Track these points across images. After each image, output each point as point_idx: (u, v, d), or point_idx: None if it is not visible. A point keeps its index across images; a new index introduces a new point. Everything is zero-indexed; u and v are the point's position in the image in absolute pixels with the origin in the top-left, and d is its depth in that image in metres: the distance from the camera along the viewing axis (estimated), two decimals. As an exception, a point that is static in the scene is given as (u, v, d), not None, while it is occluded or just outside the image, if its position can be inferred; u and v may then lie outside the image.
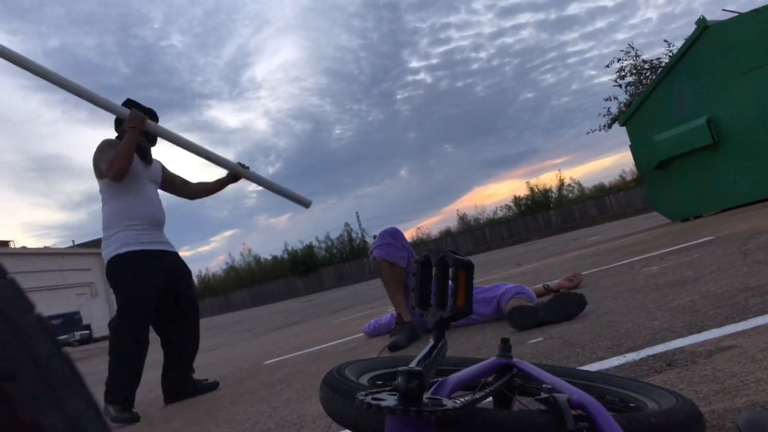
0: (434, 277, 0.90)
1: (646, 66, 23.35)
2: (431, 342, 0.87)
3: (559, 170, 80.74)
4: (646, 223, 13.39)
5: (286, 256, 51.18)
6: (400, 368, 0.73)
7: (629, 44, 25.84)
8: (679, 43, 21.74)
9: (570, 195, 50.91)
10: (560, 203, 48.87)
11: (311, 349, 4.32)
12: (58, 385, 0.27)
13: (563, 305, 2.72)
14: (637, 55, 23.61)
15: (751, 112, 7.46)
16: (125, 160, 3.18)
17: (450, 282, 0.89)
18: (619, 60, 23.83)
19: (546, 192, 50.88)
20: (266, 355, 4.82)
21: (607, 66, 26.42)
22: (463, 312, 0.85)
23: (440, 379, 0.90)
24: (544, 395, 0.83)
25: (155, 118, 3.48)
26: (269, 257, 55.44)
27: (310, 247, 50.93)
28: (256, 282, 49.90)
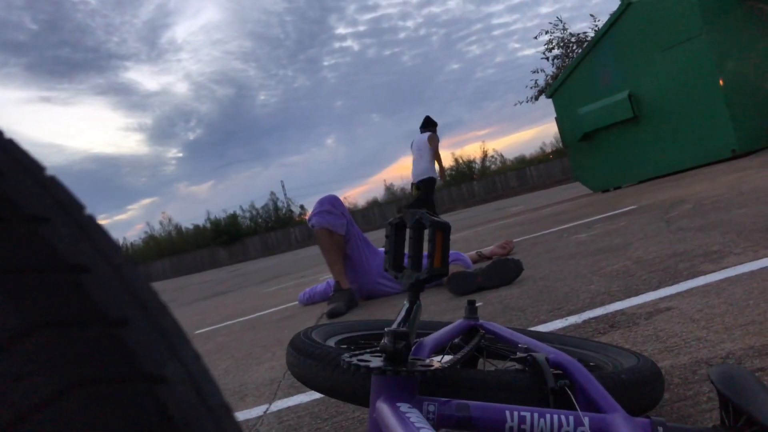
0: (409, 239, 0.88)
1: (573, 39, 23.92)
2: (406, 304, 0.85)
3: (483, 142, 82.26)
4: (567, 193, 13.85)
5: (208, 225, 50.03)
6: (386, 329, 0.72)
7: (557, 17, 26.33)
8: (604, 18, 22.39)
9: (492, 166, 52.09)
10: (483, 174, 49.85)
11: (244, 318, 4.26)
12: (169, 333, 0.24)
13: (501, 271, 2.77)
14: (564, 29, 24.13)
15: (669, 88, 7.78)
16: None
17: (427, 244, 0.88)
18: (547, 32, 24.29)
19: (470, 163, 51.83)
20: (195, 325, 4.71)
21: (536, 38, 26.89)
22: (440, 273, 0.84)
23: (417, 340, 0.89)
24: (520, 355, 0.84)
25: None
26: (191, 226, 54.13)
27: (234, 216, 49.97)
28: (177, 252, 48.60)
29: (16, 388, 0.20)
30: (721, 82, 7.27)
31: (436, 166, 9.78)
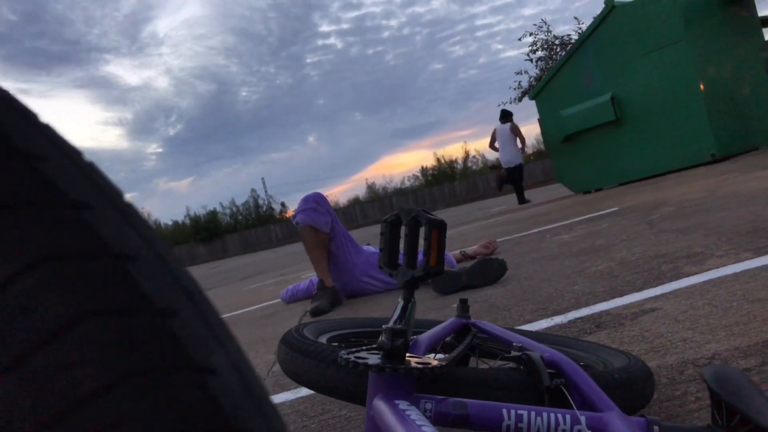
0: (405, 236, 0.88)
1: (557, 42, 24.08)
2: (401, 302, 0.85)
3: (465, 142, 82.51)
4: (547, 195, 13.93)
5: (188, 221, 49.74)
6: (384, 327, 0.72)
7: (542, 19, 26.39)
8: (588, 21, 22.61)
9: (474, 167, 52.41)
10: (465, 174, 50.11)
11: (226, 315, 4.23)
12: (213, 323, 0.23)
13: (485, 270, 2.78)
14: (549, 31, 24.28)
15: (651, 91, 7.87)
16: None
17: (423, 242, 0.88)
18: (531, 34, 24.41)
19: (452, 163, 52.15)
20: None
21: (520, 39, 27.08)
22: (435, 272, 0.84)
23: (412, 338, 0.89)
24: (515, 353, 0.84)
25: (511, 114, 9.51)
26: (170, 222, 53.76)
27: (213, 212, 49.69)
28: (157, 248, 48.00)
29: (65, 378, 0.20)
30: (701, 86, 7.36)
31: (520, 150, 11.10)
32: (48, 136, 0.24)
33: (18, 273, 0.20)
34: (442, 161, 52.52)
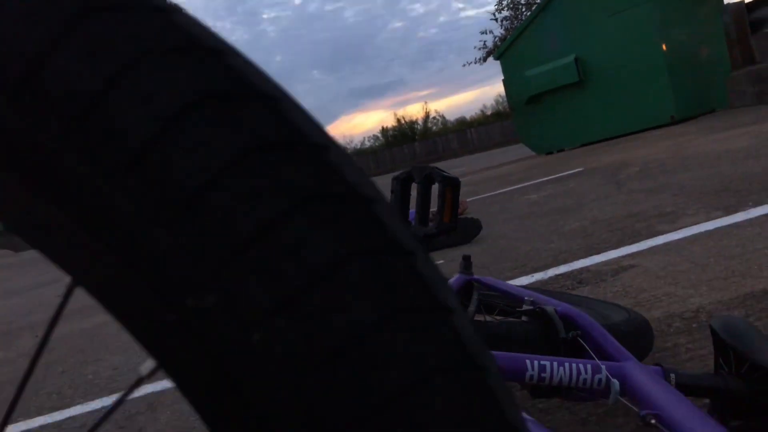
0: (418, 194, 0.88)
1: (522, 1, 24.04)
2: None
3: (426, 102, 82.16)
4: (508, 156, 14.04)
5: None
6: None
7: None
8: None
9: (434, 127, 52.42)
10: (425, 135, 50.09)
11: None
12: (435, 265, 0.24)
13: (460, 229, 2.81)
14: (515, -10, 24.21)
15: (614, 53, 7.94)
16: None
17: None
18: (498, -8, 24.32)
19: (412, 124, 52.05)
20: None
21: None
22: (449, 228, 0.85)
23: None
24: (527, 307, 0.86)
25: None
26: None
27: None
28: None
29: (340, 316, 0.20)
30: (664, 47, 7.46)
31: None
32: (319, 125, 0.25)
33: (288, 212, 0.21)
34: (402, 122, 52.38)
